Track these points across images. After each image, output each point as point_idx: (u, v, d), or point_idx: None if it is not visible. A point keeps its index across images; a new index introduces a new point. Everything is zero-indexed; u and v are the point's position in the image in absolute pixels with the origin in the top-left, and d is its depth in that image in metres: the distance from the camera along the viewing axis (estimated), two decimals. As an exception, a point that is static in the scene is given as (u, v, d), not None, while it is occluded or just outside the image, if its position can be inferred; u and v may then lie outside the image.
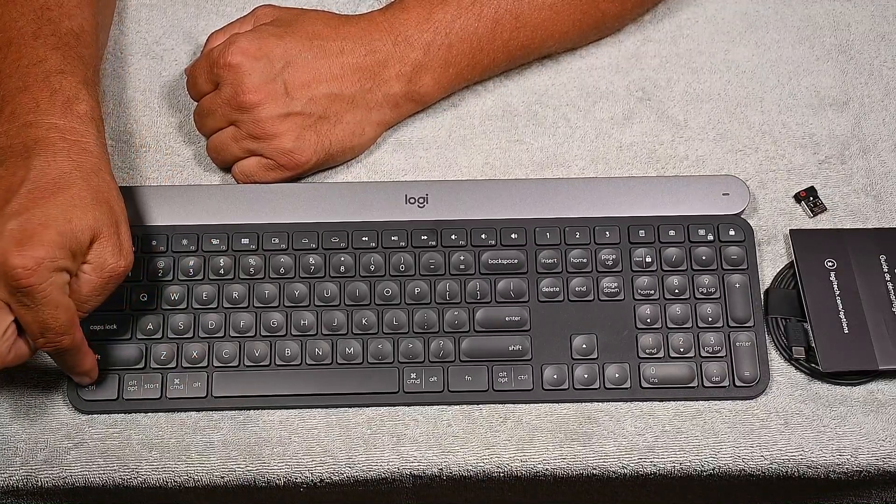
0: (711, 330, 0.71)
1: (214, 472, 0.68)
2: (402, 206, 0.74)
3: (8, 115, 0.66)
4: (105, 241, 0.64)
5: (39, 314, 0.61)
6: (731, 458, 0.69)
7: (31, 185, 0.63)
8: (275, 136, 0.72)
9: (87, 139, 0.66)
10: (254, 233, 0.73)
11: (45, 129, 0.65)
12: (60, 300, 0.62)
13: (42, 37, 0.69)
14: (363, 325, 0.71)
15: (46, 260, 0.60)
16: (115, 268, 0.65)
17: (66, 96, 0.67)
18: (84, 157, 0.65)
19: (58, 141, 0.65)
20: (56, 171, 0.64)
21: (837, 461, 0.69)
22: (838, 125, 0.79)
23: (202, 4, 0.83)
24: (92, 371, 0.68)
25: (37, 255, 0.60)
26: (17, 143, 0.65)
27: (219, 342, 0.71)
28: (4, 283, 0.60)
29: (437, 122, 0.79)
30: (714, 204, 0.75)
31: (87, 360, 0.67)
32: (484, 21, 0.74)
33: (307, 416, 0.70)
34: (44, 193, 0.63)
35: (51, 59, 0.68)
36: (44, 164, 0.64)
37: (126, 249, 0.66)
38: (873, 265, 0.73)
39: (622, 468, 0.69)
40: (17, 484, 0.68)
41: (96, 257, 0.64)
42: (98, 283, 0.64)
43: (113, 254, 0.64)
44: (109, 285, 0.65)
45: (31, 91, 0.66)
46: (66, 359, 0.65)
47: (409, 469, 0.69)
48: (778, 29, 0.83)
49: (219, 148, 0.74)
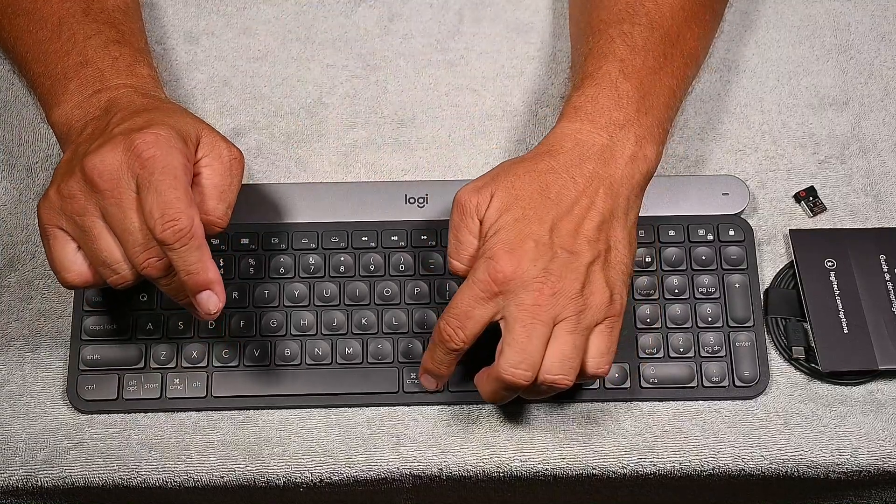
0: (711, 330, 0.71)
1: (214, 472, 0.68)
2: (401, 206, 0.74)
3: (74, 89, 0.67)
4: (210, 133, 0.63)
5: (160, 193, 0.57)
6: (731, 458, 0.69)
7: (123, 114, 0.63)
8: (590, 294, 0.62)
9: (158, 94, 0.67)
10: (254, 233, 0.73)
11: (116, 89, 0.66)
12: (179, 177, 0.58)
13: (92, 13, 0.70)
14: (363, 325, 0.71)
15: (164, 136, 0.59)
16: (232, 153, 0.63)
17: (128, 62, 0.68)
18: (164, 102, 0.66)
19: (131, 94, 0.66)
20: (139, 104, 0.64)
21: (837, 461, 0.69)
22: (838, 125, 0.79)
23: (202, 4, 0.83)
24: (216, 284, 0.60)
25: (156, 132, 0.59)
26: (93, 109, 0.65)
27: (218, 342, 0.71)
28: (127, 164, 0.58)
29: (437, 122, 0.79)
30: (714, 204, 0.75)
31: (210, 266, 0.59)
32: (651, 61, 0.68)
33: (307, 416, 0.70)
34: (138, 111, 0.63)
35: (105, 32, 0.69)
36: (127, 104, 0.64)
37: (233, 144, 0.63)
38: (873, 265, 0.73)
39: (622, 468, 0.69)
40: (17, 484, 0.68)
41: (210, 148, 0.62)
42: (223, 170, 0.62)
43: (224, 141, 0.63)
44: (235, 173, 0.63)
45: (93, 63, 0.67)
46: (188, 258, 0.58)
47: (408, 469, 0.69)
48: (778, 29, 0.83)
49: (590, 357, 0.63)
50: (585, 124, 0.66)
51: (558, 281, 0.61)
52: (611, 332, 0.63)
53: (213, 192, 0.62)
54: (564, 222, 0.63)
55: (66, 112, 0.66)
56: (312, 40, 0.82)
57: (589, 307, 0.62)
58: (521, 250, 0.62)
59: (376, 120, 0.79)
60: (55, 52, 0.69)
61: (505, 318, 0.62)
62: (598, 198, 0.64)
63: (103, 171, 0.59)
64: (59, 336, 0.72)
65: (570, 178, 0.64)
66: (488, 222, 0.64)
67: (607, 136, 0.66)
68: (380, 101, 0.80)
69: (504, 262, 0.61)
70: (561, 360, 0.61)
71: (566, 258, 0.62)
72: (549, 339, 0.62)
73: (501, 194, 0.64)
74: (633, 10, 0.70)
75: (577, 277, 0.62)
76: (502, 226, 0.63)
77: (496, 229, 0.63)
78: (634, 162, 0.66)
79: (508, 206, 0.63)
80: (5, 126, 0.79)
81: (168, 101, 0.68)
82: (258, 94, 0.80)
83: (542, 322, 0.61)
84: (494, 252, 0.62)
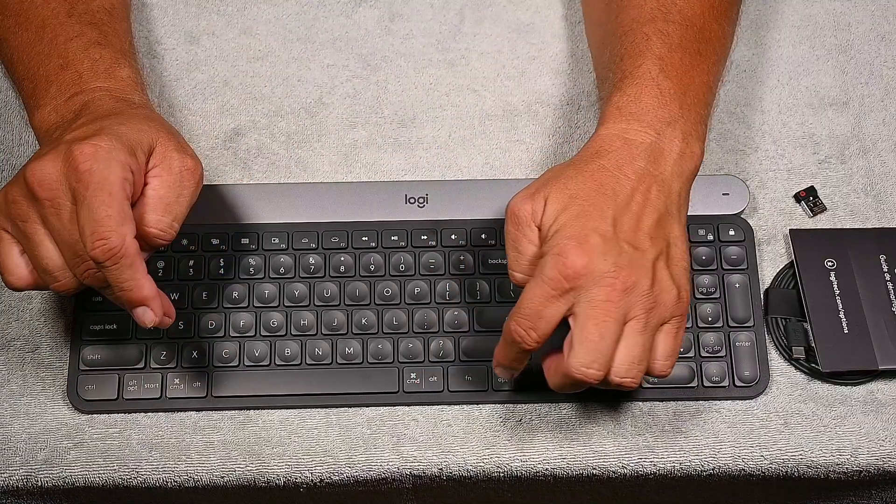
0: (711, 330, 0.71)
1: (214, 472, 0.68)
2: (402, 206, 0.74)
3: (54, 93, 0.66)
4: (165, 143, 0.62)
5: (91, 210, 0.57)
6: (731, 458, 0.69)
7: (84, 119, 0.62)
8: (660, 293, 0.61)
9: (133, 97, 0.66)
10: (254, 233, 0.73)
11: (92, 93, 0.66)
12: (114, 193, 0.58)
13: (76, 14, 0.69)
14: (363, 325, 0.71)
15: (104, 148, 0.58)
16: (184, 164, 0.62)
17: (107, 64, 0.67)
18: (133, 107, 0.65)
19: (105, 97, 0.65)
20: (107, 108, 0.64)
21: (837, 461, 0.69)
22: (838, 125, 0.79)
23: (202, 4, 0.83)
24: (150, 300, 0.59)
25: (96, 143, 0.58)
26: (68, 113, 0.65)
27: (219, 342, 0.71)
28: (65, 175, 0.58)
29: (437, 122, 0.79)
30: (714, 204, 0.75)
31: (143, 283, 0.59)
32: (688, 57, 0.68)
33: (307, 416, 0.70)
34: (95, 119, 0.62)
35: (87, 34, 0.69)
36: (95, 108, 0.64)
37: (191, 153, 0.63)
38: (873, 265, 0.73)
39: (622, 468, 0.69)
40: (17, 484, 0.68)
41: (161, 158, 0.61)
42: (172, 181, 0.61)
43: (178, 152, 0.62)
44: (185, 184, 0.62)
45: (73, 65, 0.67)
46: (119, 276, 0.58)
47: (408, 469, 0.69)
48: (778, 29, 0.83)
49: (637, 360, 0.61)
50: (632, 123, 0.65)
51: (629, 276, 0.60)
52: (677, 332, 0.62)
53: (158, 204, 0.61)
54: (625, 218, 0.62)
55: (45, 116, 0.66)
56: (313, 40, 0.82)
57: (658, 305, 0.61)
58: (589, 244, 0.60)
59: (376, 120, 0.79)
60: (38, 54, 0.68)
61: (576, 314, 0.60)
62: (652, 194, 0.63)
63: (42, 180, 0.58)
64: (59, 336, 0.72)
65: (622, 175, 0.63)
66: (547, 224, 0.62)
67: (655, 134, 0.64)
68: (380, 101, 0.80)
69: (574, 257, 0.59)
70: (630, 362, 0.60)
71: (633, 253, 0.60)
72: (620, 337, 0.60)
73: (556, 195, 0.62)
74: (666, 8, 0.69)
75: (647, 273, 0.60)
76: (564, 223, 0.61)
77: (557, 227, 0.61)
78: (683, 159, 0.65)
79: (566, 205, 0.62)
80: (5, 126, 0.79)
81: (140, 105, 0.67)
82: (258, 94, 0.80)
83: (614, 320, 0.59)
84: (562, 248, 0.60)
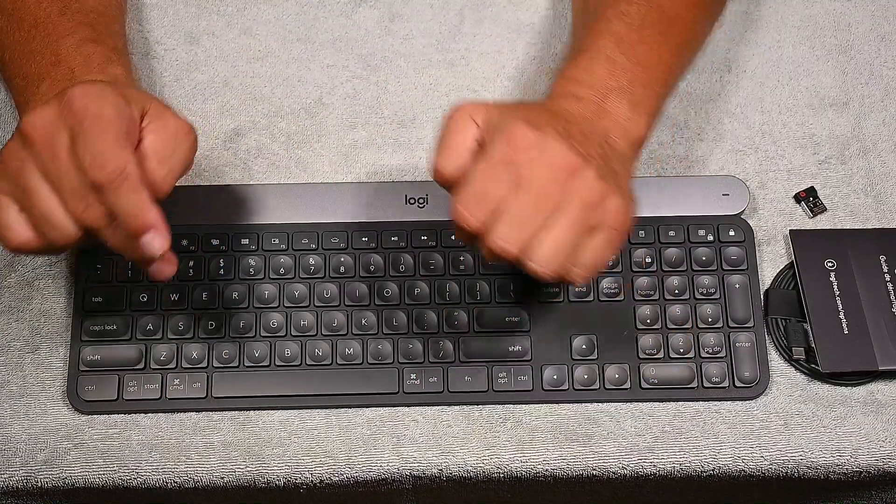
0: (711, 330, 0.71)
1: (214, 473, 0.68)
2: (402, 207, 0.74)
3: (45, 89, 0.66)
4: (160, 105, 0.61)
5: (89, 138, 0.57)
6: (731, 459, 0.69)
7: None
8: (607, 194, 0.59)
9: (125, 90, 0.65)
10: (254, 233, 0.73)
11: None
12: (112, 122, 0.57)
13: (69, 13, 0.69)
14: (363, 326, 0.71)
15: (98, 87, 0.58)
16: (179, 124, 0.61)
17: (100, 60, 0.67)
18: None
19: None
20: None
21: (837, 461, 0.69)
22: (838, 125, 0.79)
23: (202, 4, 0.83)
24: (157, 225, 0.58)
25: (88, 85, 0.58)
26: None
27: (219, 343, 0.71)
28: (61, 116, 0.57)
29: (437, 122, 0.79)
30: (714, 204, 0.75)
31: (149, 206, 0.58)
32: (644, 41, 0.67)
33: (307, 417, 0.70)
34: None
35: (80, 31, 0.68)
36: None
37: (184, 118, 0.62)
38: (873, 265, 0.73)
39: (622, 469, 0.69)
40: (17, 484, 0.68)
41: (156, 116, 0.61)
42: (167, 137, 0.60)
43: (172, 113, 0.61)
44: (181, 142, 0.61)
45: (65, 62, 0.66)
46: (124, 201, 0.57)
47: (408, 470, 0.69)
48: (778, 29, 0.83)
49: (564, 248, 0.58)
50: (580, 87, 0.64)
51: (580, 161, 0.57)
52: (608, 246, 0.59)
53: (153, 157, 0.60)
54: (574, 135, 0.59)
55: None
56: (313, 40, 0.82)
57: (599, 206, 0.58)
58: (543, 127, 0.58)
59: (376, 120, 0.79)
60: (30, 52, 0.68)
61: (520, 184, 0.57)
62: (594, 149, 0.60)
63: (37, 124, 0.58)
64: (59, 336, 0.72)
65: (570, 116, 0.62)
66: (491, 121, 0.59)
67: (600, 97, 0.63)
68: (380, 102, 0.80)
69: (526, 130, 0.57)
70: (554, 251, 0.57)
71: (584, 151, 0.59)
72: (548, 222, 0.57)
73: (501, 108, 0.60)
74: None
75: (597, 168, 0.58)
76: (511, 115, 0.58)
77: (501, 119, 0.58)
78: (629, 123, 0.64)
79: (512, 110, 0.60)
80: (5, 126, 0.79)
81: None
82: (258, 95, 0.80)
83: (553, 198, 0.57)
84: (512, 127, 0.57)
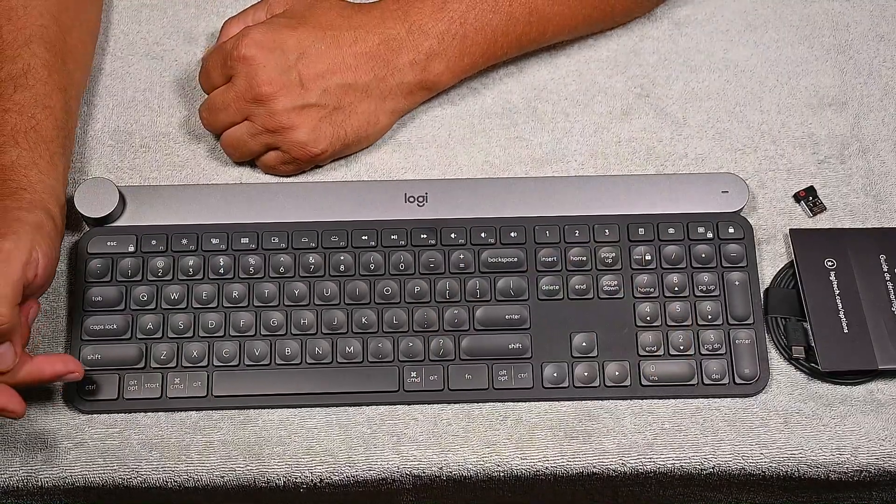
0: (711, 327, 0.71)
1: (214, 472, 0.68)
2: (401, 205, 0.74)
3: None
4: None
5: None
6: (731, 456, 0.69)
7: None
8: (290, 128, 0.72)
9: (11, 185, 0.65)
10: (253, 232, 0.73)
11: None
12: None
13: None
14: (363, 324, 0.71)
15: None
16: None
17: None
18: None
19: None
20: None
21: (837, 461, 0.69)
22: (838, 125, 0.79)
23: (202, 4, 0.83)
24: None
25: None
26: None
27: (219, 342, 0.71)
28: None
29: (437, 120, 0.79)
30: (713, 201, 0.75)
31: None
32: (499, 13, 0.74)
33: (307, 416, 0.70)
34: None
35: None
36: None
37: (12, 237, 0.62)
38: (873, 265, 0.73)
39: (622, 466, 0.69)
40: (17, 484, 0.68)
41: None
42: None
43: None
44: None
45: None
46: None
47: (409, 468, 0.69)
48: (778, 29, 0.83)
49: (235, 143, 0.74)
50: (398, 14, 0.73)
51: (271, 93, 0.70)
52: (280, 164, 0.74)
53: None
54: (313, 59, 0.71)
55: None
56: (312, 41, 0.82)
57: (278, 134, 0.72)
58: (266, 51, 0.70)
59: (376, 120, 0.79)
60: None
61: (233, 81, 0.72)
62: (363, 65, 0.71)
63: None
64: (59, 336, 0.72)
65: (353, 31, 0.71)
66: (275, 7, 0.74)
67: (405, 32, 0.73)
68: (379, 102, 0.80)
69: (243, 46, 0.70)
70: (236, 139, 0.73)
71: (294, 85, 0.71)
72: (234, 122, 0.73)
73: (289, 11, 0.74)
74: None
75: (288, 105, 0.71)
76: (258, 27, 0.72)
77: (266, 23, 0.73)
78: (417, 65, 0.73)
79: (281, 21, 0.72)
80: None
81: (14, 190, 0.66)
82: (258, 95, 0.80)
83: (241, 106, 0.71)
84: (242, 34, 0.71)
